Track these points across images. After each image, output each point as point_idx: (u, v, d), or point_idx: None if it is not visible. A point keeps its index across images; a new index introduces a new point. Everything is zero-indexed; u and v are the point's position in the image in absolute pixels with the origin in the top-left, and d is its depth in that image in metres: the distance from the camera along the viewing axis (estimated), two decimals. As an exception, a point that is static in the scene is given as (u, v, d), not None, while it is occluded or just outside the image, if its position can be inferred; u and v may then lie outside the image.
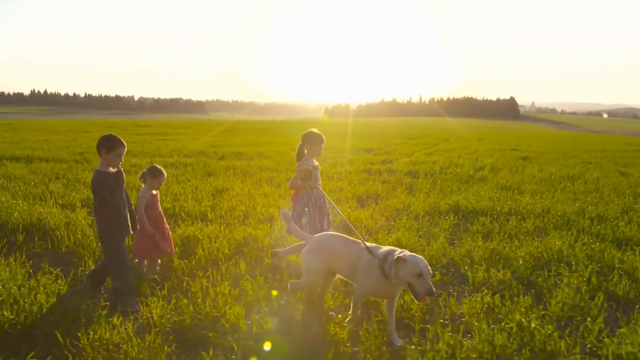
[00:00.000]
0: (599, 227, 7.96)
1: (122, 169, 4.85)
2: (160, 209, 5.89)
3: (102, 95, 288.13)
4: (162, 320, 4.18)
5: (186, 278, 5.26)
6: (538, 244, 6.73)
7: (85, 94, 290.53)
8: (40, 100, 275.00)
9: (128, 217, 4.87)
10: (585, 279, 5.41)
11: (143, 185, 5.85)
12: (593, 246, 6.66)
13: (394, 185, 12.69)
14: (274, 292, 4.78)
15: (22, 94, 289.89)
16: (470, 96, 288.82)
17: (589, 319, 4.31)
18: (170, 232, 5.95)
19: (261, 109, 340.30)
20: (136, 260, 5.64)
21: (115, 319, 3.96)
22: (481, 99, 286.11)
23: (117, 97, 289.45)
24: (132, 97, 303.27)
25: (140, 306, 4.54)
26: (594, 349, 3.93)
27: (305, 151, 5.81)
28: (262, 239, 6.58)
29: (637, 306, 4.78)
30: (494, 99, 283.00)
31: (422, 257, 3.88)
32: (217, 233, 6.84)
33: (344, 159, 20.00)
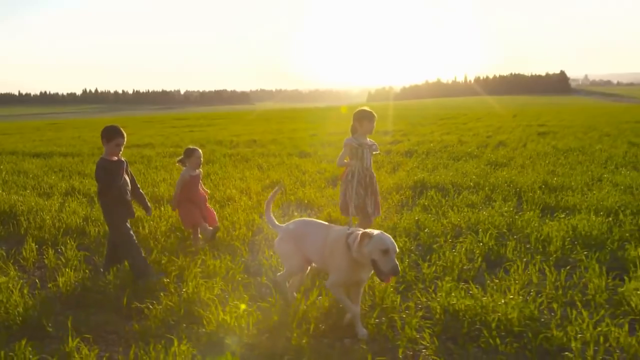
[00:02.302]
0: (545, 197, 8.10)
1: (123, 158, 5.16)
2: (200, 189, 6.38)
3: (150, 91, 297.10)
4: (67, 285, 4.80)
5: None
6: (469, 214, 6.98)
7: (134, 90, 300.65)
8: (92, 99, 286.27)
9: (131, 201, 5.24)
10: (482, 244, 5.67)
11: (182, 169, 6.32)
12: (519, 215, 6.86)
13: (380, 164, 12.94)
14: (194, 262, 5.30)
15: (74, 93, 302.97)
16: (517, 73, 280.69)
17: (447, 278, 4.61)
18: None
19: (305, 96, 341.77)
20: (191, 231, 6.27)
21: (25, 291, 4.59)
22: (529, 74, 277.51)
23: (164, 92, 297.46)
24: (178, 92, 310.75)
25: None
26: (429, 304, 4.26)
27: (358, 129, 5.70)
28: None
29: (504, 265, 5.03)
30: (543, 74, 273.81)
31: (389, 236, 3.82)
32: (170, 213, 7.41)
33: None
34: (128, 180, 5.26)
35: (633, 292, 4.17)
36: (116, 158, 5.09)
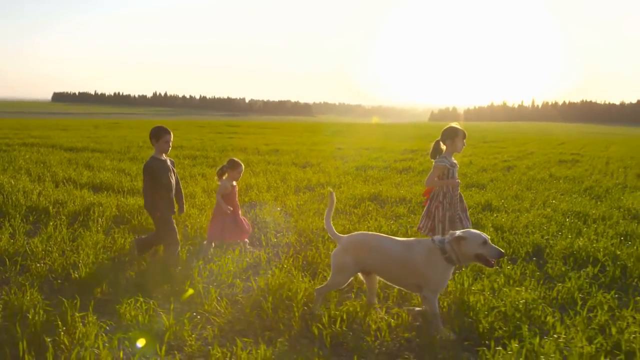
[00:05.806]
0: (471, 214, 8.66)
1: (169, 158, 5.75)
2: (237, 199, 6.58)
3: (215, 97, 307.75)
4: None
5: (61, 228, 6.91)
6: (382, 222, 7.72)
7: (200, 95, 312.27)
8: (161, 102, 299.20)
9: (174, 199, 5.79)
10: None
11: (219, 179, 6.52)
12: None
13: (364, 178, 13.57)
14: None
15: (145, 96, 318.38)
16: (589, 100, 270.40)
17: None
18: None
19: (367, 111, 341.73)
20: (204, 242, 6.42)
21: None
22: (602, 102, 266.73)
23: (229, 99, 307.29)
24: (243, 99, 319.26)
25: None
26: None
27: (444, 147, 5.60)
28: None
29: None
30: (618, 103, 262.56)
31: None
32: (130, 203, 8.50)
33: (374, 155, 20.70)
34: (173, 179, 5.79)
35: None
36: (165, 156, 5.68)
